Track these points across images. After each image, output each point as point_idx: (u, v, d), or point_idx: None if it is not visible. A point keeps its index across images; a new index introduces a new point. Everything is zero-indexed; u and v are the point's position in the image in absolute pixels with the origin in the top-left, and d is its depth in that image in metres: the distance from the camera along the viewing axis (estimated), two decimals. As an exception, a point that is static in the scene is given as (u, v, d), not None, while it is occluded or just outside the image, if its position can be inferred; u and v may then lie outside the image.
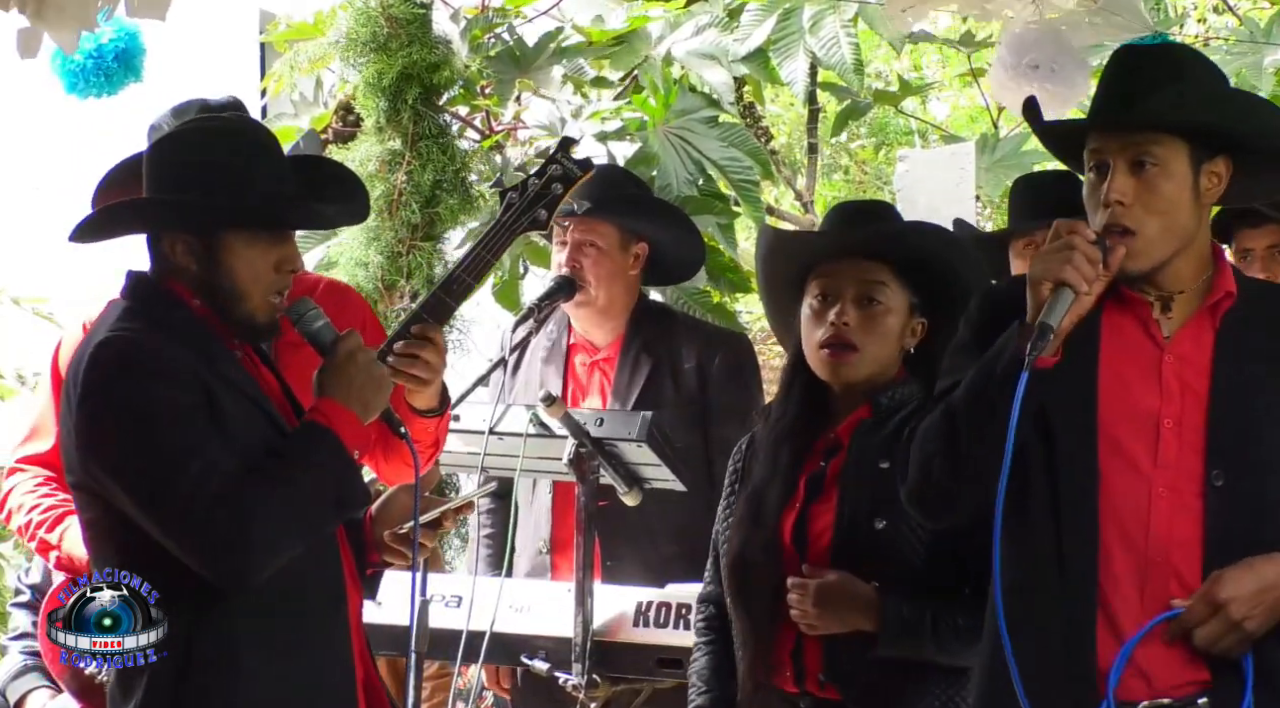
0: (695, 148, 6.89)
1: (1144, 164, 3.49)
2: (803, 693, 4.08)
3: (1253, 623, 3.44)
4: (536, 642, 5.11)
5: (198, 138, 3.81)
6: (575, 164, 4.34)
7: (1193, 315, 3.57)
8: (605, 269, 5.37)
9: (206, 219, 3.71)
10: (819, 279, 4.14)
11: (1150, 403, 3.52)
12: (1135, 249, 3.49)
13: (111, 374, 3.63)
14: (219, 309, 3.73)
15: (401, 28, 6.30)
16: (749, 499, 4.20)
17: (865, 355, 4.09)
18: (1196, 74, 3.61)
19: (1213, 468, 3.49)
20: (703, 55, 7.04)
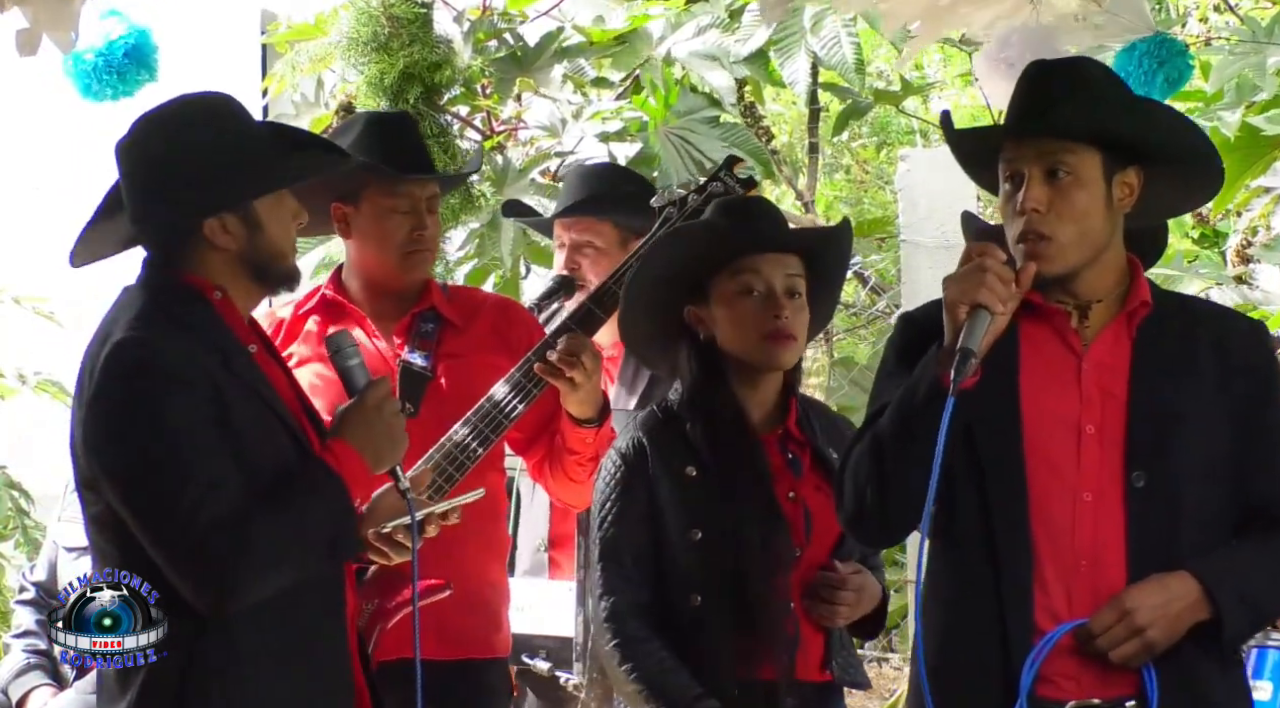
0: (696, 148, 6.90)
1: (1057, 172, 3.57)
2: (788, 678, 4.11)
3: (1155, 632, 3.51)
4: (538, 641, 5.13)
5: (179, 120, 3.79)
6: (738, 182, 4.38)
7: (1110, 324, 3.65)
8: (604, 268, 5.31)
9: (246, 190, 3.73)
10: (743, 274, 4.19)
11: (1071, 410, 3.61)
12: (1050, 254, 3.57)
13: (126, 378, 3.61)
14: (260, 274, 3.76)
15: (403, 27, 6.31)
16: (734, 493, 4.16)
17: (799, 345, 4.23)
18: (1105, 85, 3.71)
19: (1133, 470, 3.57)
20: (704, 56, 7.04)
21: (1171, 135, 3.67)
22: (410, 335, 4.67)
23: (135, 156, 3.76)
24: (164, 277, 3.75)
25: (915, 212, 6.63)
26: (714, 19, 7.14)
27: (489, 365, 4.61)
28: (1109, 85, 3.72)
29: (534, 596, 5.20)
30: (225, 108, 3.83)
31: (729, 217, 4.28)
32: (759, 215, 4.30)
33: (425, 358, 4.63)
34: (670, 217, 4.42)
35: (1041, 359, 3.63)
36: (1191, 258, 7.54)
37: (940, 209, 6.38)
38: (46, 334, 5.78)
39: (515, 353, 4.61)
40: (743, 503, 4.14)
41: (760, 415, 4.23)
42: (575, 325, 4.52)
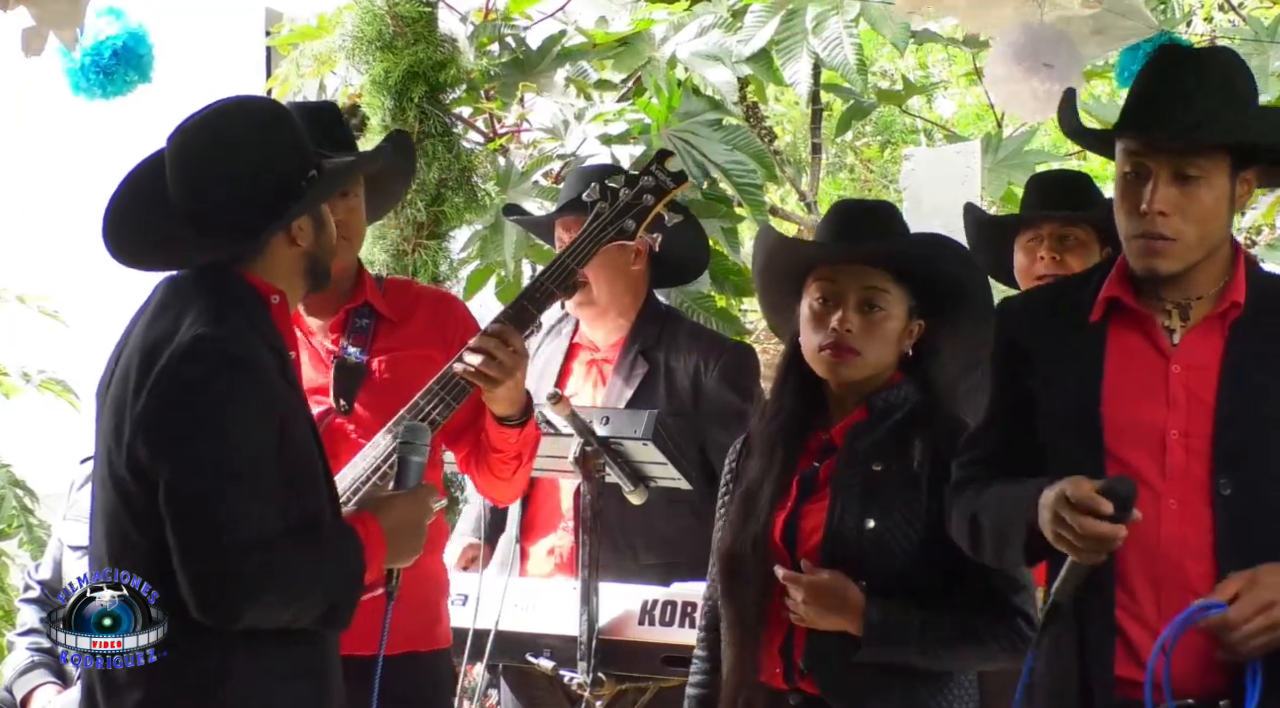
0: (699, 151, 6.90)
1: (1188, 177, 3.52)
2: (793, 689, 4.09)
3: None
4: (542, 640, 5.11)
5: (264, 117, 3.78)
6: (669, 176, 4.34)
7: (1201, 322, 3.60)
8: (605, 268, 5.31)
9: (324, 193, 3.76)
10: (819, 281, 4.15)
11: (1156, 414, 3.56)
12: (1172, 254, 3.54)
13: (211, 373, 3.58)
14: (315, 272, 3.78)
15: (407, 26, 6.31)
16: (743, 497, 4.21)
17: (866, 359, 4.11)
18: (1240, 85, 3.63)
19: (1220, 477, 3.52)
20: (706, 57, 7.05)
21: None
22: (345, 331, 4.61)
23: (205, 168, 3.71)
24: (229, 276, 3.72)
25: (919, 211, 6.62)
26: (716, 19, 7.15)
27: (425, 359, 4.54)
28: (1243, 84, 3.63)
29: (537, 595, 5.20)
30: (280, 112, 3.84)
31: (828, 220, 4.25)
32: (856, 221, 4.22)
33: (360, 353, 4.58)
34: (602, 211, 4.37)
35: (1128, 363, 3.59)
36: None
37: (944, 208, 6.37)
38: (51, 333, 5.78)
39: (451, 347, 4.53)
40: (745, 511, 4.17)
41: (833, 421, 4.18)
42: (507, 321, 4.44)
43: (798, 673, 4.08)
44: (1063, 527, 3.44)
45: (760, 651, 4.10)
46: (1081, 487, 3.43)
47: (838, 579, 4.04)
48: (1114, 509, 3.40)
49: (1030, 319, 3.69)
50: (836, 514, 4.07)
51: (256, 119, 3.77)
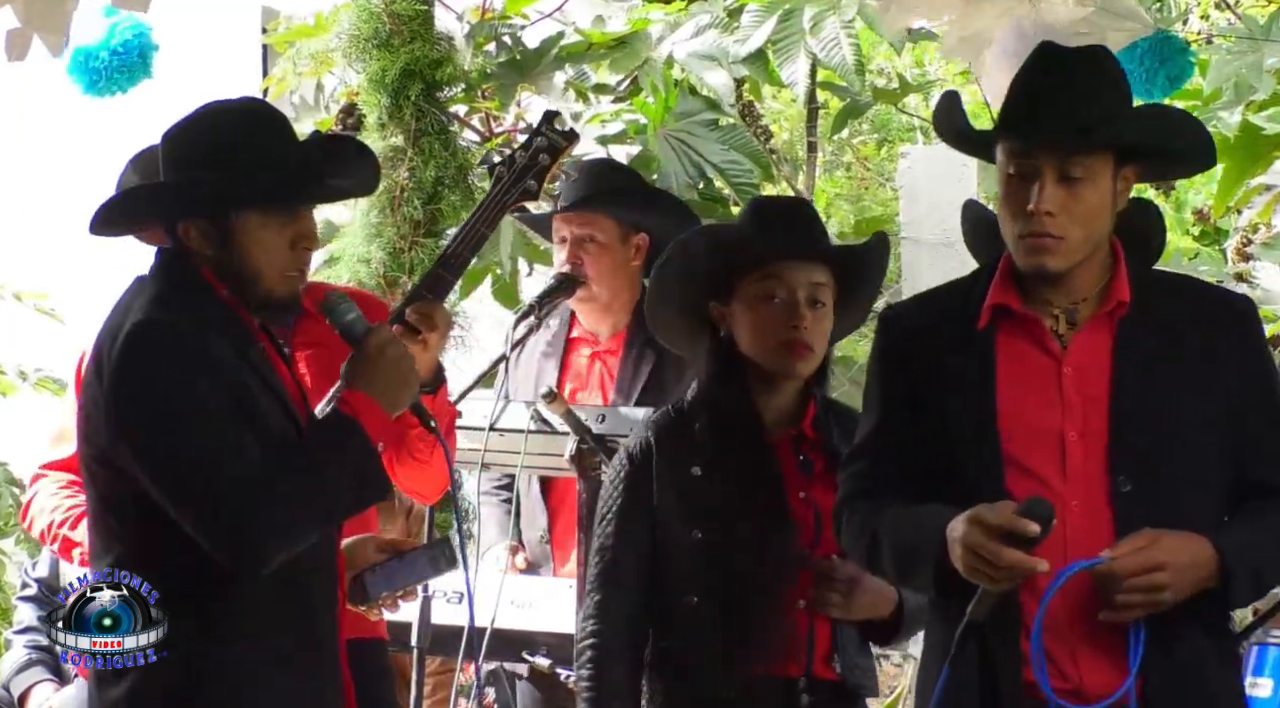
0: (696, 151, 6.92)
1: (1073, 177, 3.55)
2: (806, 675, 4.11)
3: (1170, 594, 3.47)
4: (538, 638, 5.11)
5: (206, 122, 3.80)
6: (560, 135, 4.37)
7: (1088, 322, 3.62)
8: (606, 263, 5.38)
9: (217, 201, 3.72)
10: (767, 279, 4.18)
11: (1052, 418, 3.57)
12: (1059, 252, 3.55)
13: (152, 358, 3.64)
14: (238, 291, 3.75)
15: (404, 24, 6.31)
16: (742, 492, 4.16)
17: (816, 355, 4.20)
18: (1122, 84, 3.67)
19: (1118, 475, 3.53)
20: (703, 57, 7.03)
21: (1188, 142, 3.66)
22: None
23: (166, 136, 3.80)
24: (178, 266, 3.77)
25: (916, 209, 6.63)
26: (713, 19, 7.14)
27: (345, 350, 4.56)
28: (1123, 83, 3.67)
29: (534, 592, 5.19)
30: (233, 113, 3.83)
31: (762, 220, 4.28)
32: (793, 221, 4.28)
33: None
34: (502, 176, 4.38)
35: (1019, 368, 3.59)
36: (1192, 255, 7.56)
37: (941, 206, 6.38)
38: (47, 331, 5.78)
39: None
40: (745, 503, 4.14)
41: (776, 416, 4.22)
42: (426, 291, 4.40)
43: (821, 660, 4.11)
44: (978, 561, 3.43)
45: (783, 641, 4.10)
46: (1000, 513, 3.43)
47: None
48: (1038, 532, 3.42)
49: (916, 329, 3.68)
50: None
51: (203, 118, 3.79)
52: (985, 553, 3.43)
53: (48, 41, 4.41)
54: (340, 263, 6.42)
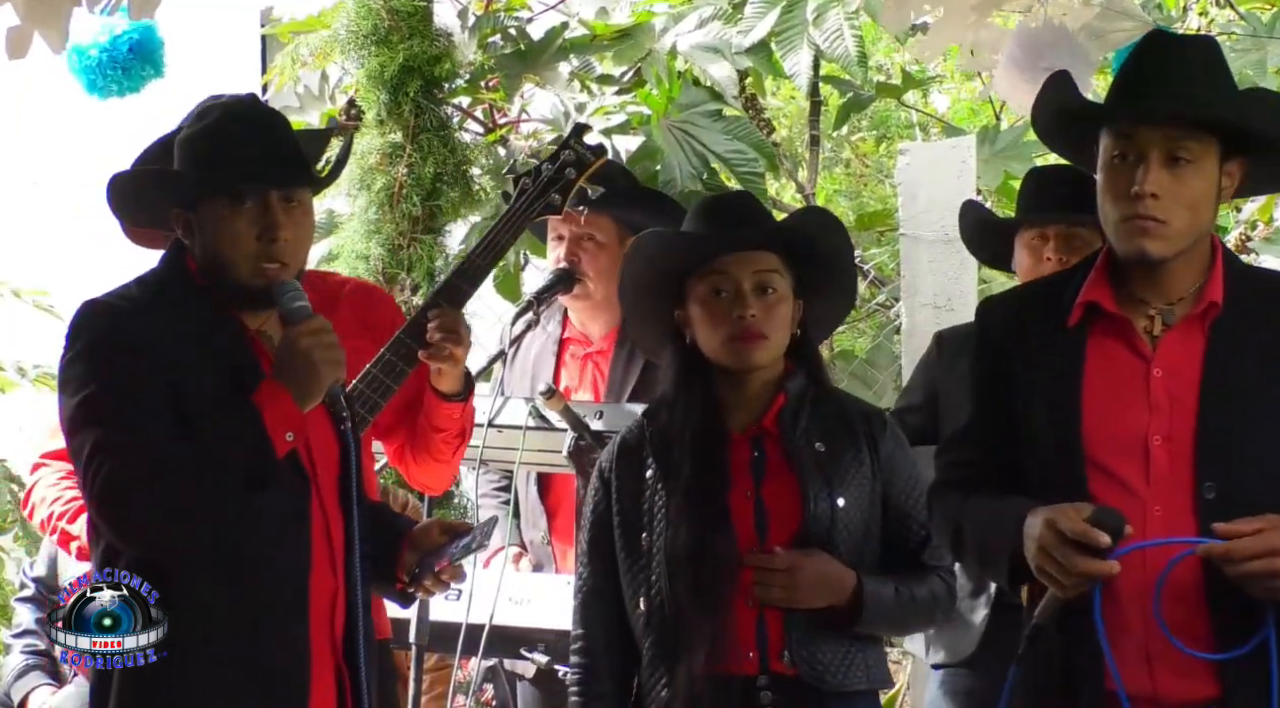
0: (699, 141, 6.90)
1: (1180, 159, 3.48)
2: (764, 672, 4.09)
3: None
4: (536, 635, 5.10)
5: (194, 117, 3.86)
6: (588, 149, 4.37)
7: (1180, 324, 3.55)
8: (603, 263, 5.36)
9: (185, 189, 3.78)
10: (711, 276, 4.17)
11: (1138, 421, 3.51)
12: (1163, 236, 3.48)
13: (84, 333, 3.73)
14: (216, 280, 3.79)
15: (403, 20, 6.30)
16: (689, 491, 4.16)
17: (772, 342, 4.15)
18: (1227, 71, 3.61)
19: (1204, 480, 3.46)
20: (706, 49, 7.03)
21: None
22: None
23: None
24: (169, 255, 3.84)
25: (915, 205, 6.60)
26: (716, 10, 7.13)
27: (353, 350, 4.52)
28: (1227, 71, 3.61)
29: (531, 590, 5.18)
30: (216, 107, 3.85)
31: (697, 219, 4.27)
32: (724, 215, 4.26)
33: None
34: (526, 187, 4.39)
35: (1108, 368, 3.54)
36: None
37: (940, 203, 6.36)
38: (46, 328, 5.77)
39: (378, 335, 4.54)
40: (688, 506, 4.13)
41: (744, 414, 4.20)
42: (444, 301, 4.44)
43: (775, 656, 4.08)
44: (1049, 563, 3.40)
45: (732, 641, 4.08)
46: (1073, 520, 3.38)
47: (824, 557, 4.09)
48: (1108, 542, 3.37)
49: (1010, 322, 3.65)
50: (811, 496, 4.10)
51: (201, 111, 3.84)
52: (1058, 555, 3.39)
53: (48, 39, 4.40)
54: (339, 259, 6.41)
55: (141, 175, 3.89)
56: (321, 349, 3.78)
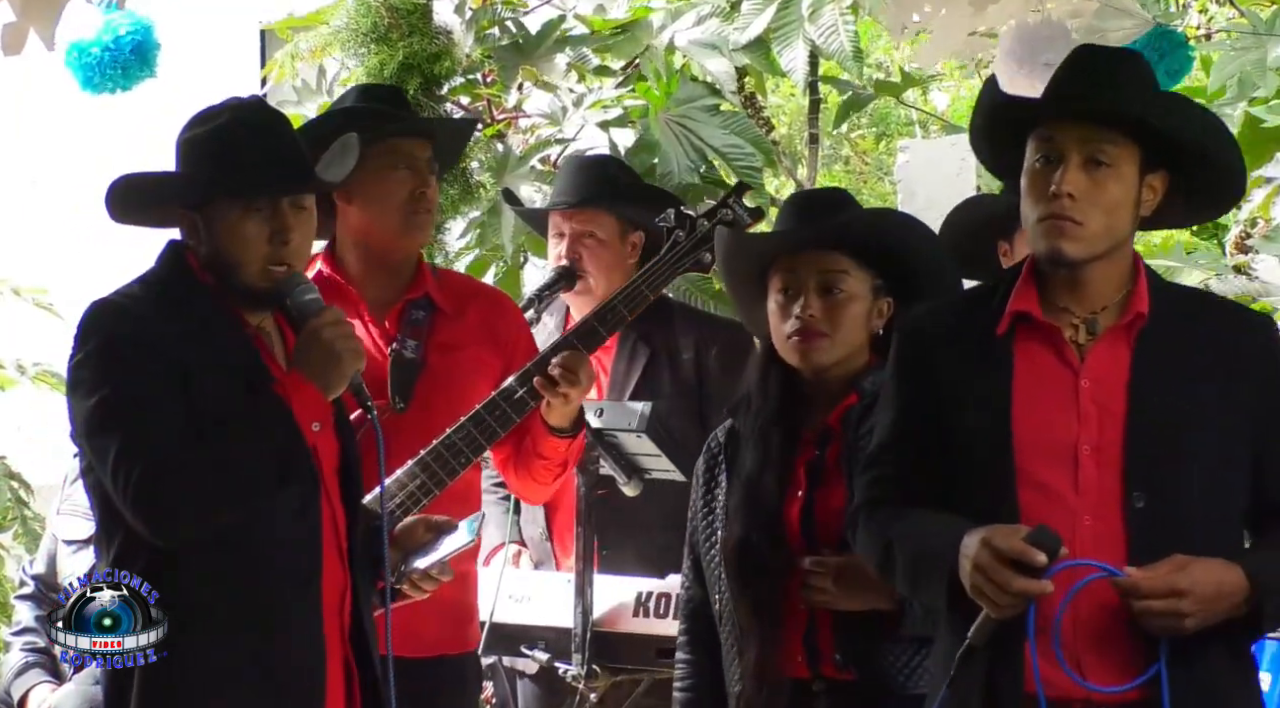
0: (697, 136, 6.89)
1: (1098, 162, 3.51)
2: (816, 677, 4.06)
3: (1192, 622, 3.42)
4: (536, 632, 5.10)
5: (200, 120, 3.86)
6: (746, 211, 4.35)
7: (1107, 334, 3.56)
8: (604, 260, 5.36)
9: (196, 192, 3.78)
10: (779, 274, 4.15)
11: (1067, 430, 3.51)
12: (1077, 237, 3.50)
13: (94, 335, 3.73)
14: (221, 280, 3.79)
15: (402, 18, 6.29)
16: (745, 488, 4.16)
17: (834, 341, 4.10)
18: (1153, 81, 3.64)
19: (1132, 490, 3.47)
20: (704, 45, 7.05)
21: (1210, 141, 3.60)
22: (402, 323, 4.64)
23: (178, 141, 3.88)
24: (169, 255, 3.84)
25: (914, 202, 6.63)
26: (714, 8, 7.14)
27: (477, 359, 4.61)
28: (1153, 81, 3.64)
29: (532, 587, 5.18)
30: (223, 111, 3.86)
31: (782, 215, 4.24)
32: (799, 213, 4.22)
33: (416, 348, 4.61)
34: (679, 241, 4.40)
35: (1037, 377, 3.54)
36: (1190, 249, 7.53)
37: (939, 200, 6.37)
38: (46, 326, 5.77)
39: (502, 347, 4.63)
40: (751, 506, 4.12)
41: (818, 411, 4.16)
42: (577, 342, 4.51)
43: (827, 660, 4.06)
44: (986, 583, 3.41)
45: (783, 641, 4.07)
46: (1010, 539, 3.40)
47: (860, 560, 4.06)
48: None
49: (939, 336, 3.65)
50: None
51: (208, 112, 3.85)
52: (995, 575, 3.39)
53: (42, 35, 4.38)
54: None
55: (151, 177, 3.88)
56: (342, 339, 3.81)
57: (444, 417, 4.49)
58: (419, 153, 4.64)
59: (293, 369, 3.80)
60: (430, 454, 4.44)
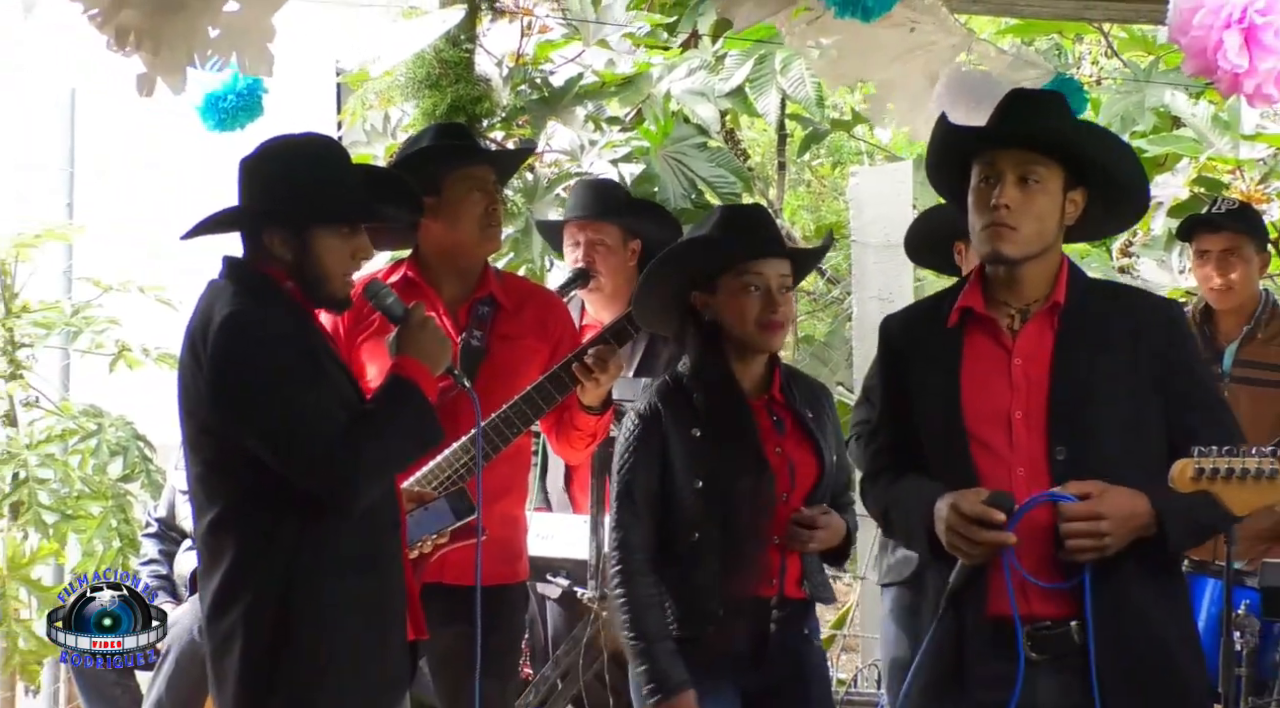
0: (689, 168, 6.93)
1: (1029, 179, 3.52)
2: (779, 595, 4.03)
3: (1111, 541, 3.41)
4: (559, 564, 5.06)
5: (283, 153, 3.74)
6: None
7: (1033, 320, 3.57)
8: (613, 263, 5.32)
9: (299, 218, 3.67)
10: (746, 275, 4.05)
11: (1003, 400, 3.53)
12: (1012, 239, 3.52)
13: (245, 343, 3.56)
14: (307, 289, 3.69)
15: (450, 68, 6.26)
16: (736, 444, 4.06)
17: (786, 330, 4.11)
18: (1071, 116, 3.68)
19: (1055, 446, 3.48)
20: (694, 93, 7.07)
21: (1120, 164, 3.61)
22: (471, 317, 4.59)
23: (248, 163, 3.74)
24: (245, 270, 3.70)
25: (862, 217, 6.60)
26: (702, 62, 7.17)
27: (531, 349, 4.59)
28: (1073, 116, 3.70)
29: (556, 527, 5.15)
30: (310, 146, 3.76)
31: (735, 228, 4.16)
32: (759, 227, 4.18)
33: (481, 338, 4.57)
34: None
35: (980, 359, 3.56)
36: (1085, 255, 7.46)
37: (882, 216, 6.36)
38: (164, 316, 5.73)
39: (550, 339, 4.59)
40: (738, 458, 4.04)
41: (750, 385, 4.12)
42: (610, 337, 4.49)
43: (791, 582, 4.03)
44: (957, 539, 3.45)
45: (761, 569, 4.02)
46: (972, 502, 3.43)
47: (835, 515, 4.07)
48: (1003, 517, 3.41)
49: (904, 331, 3.70)
50: (825, 460, 4.07)
51: (282, 148, 3.75)
52: (964, 531, 3.43)
53: (169, 83, 4.34)
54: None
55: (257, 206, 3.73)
56: (439, 330, 3.77)
57: (501, 395, 4.44)
58: (487, 177, 4.61)
59: (404, 356, 3.71)
60: (489, 424, 4.38)
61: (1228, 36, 3.87)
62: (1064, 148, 3.53)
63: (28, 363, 6.15)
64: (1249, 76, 3.89)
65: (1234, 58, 3.86)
